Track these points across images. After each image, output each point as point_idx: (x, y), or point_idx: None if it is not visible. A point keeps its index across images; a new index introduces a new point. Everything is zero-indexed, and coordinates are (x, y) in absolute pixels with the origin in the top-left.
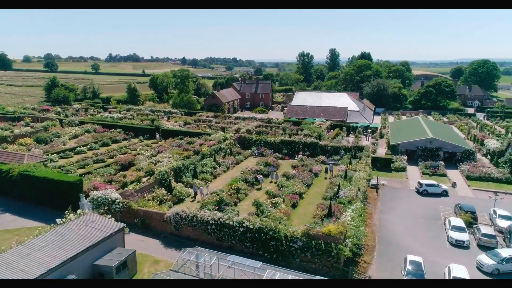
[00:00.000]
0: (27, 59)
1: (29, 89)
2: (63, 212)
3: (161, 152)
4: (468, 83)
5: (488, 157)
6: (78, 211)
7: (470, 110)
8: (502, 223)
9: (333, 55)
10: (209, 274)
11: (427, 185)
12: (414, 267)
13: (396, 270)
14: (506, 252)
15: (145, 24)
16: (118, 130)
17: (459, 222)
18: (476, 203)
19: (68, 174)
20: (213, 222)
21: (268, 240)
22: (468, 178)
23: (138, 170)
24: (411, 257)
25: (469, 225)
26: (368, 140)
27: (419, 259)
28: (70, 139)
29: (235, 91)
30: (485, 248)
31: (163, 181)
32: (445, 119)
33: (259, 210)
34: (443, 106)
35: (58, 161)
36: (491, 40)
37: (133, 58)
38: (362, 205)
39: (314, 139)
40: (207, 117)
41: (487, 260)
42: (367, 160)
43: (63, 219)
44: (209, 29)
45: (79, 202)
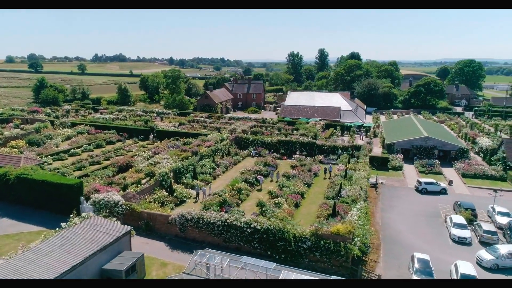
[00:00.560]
0: (10, 60)
1: (15, 90)
2: (63, 215)
3: (158, 153)
4: (455, 83)
5: (480, 155)
6: (83, 214)
7: (458, 109)
8: (501, 219)
9: (322, 55)
10: (222, 276)
11: (426, 183)
12: (422, 264)
13: (403, 268)
14: (505, 248)
15: (131, 24)
16: (112, 131)
17: (461, 219)
18: (473, 200)
19: (65, 176)
20: (220, 223)
21: (277, 240)
22: (463, 176)
23: (138, 172)
24: (418, 254)
25: (469, 222)
26: (363, 139)
27: (426, 257)
28: (63, 141)
29: (227, 91)
30: (486, 244)
31: (163, 183)
32: (435, 118)
33: (263, 210)
34: (432, 105)
35: (52, 164)
36: (474, 41)
37: (120, 58)
38: (366, 204)
39: (310, 138)
40: (201, 117)
41: (486, 255)
42: (366, 159)
43: (68, 222)
44: (196, 29)
45: (79, 205)
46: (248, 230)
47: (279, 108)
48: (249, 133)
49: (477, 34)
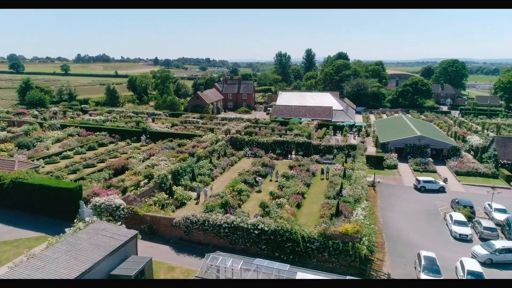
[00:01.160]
0: None
1: None
2: (62, 220)
3: (153, 155)
4: (441, 82)
5: (471, 153)
6: (87, 219)
7: (444, 108)
8: (498, 216)
9: (309, 55)
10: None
11: (424, 181)
12: (429, 262)
13: (409, 266)
14: (500, 243)
15: (115, 24)
16: (104, 133)
17: (461, 216)
18: (468, 197)
19: (62, 180)
20: (226, 225)
21: (284, 241)
22: (457, 173)
23: (136, 174)
24: (424, 253)
25: (468, 220)
26: (355, 138)
27: (432, 255)
28: (53, 143)
29: (218, 91)
30: (487, 241)
31: (162, 185)
32: (423, 117)
33: (266, 211)
34: (419, 104)
35: (44, 167)
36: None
37: (103, 59)
38: (369, 203)
39: (305, 138)
40: (193, 118)
41: (481, 250)
42: (363, 159)
43: (72, 227)
44: (181, 29)
45: (78, 209)
46: (255, 232)
47: (270, 109)
48: (243, 133)
49: (457, 34)
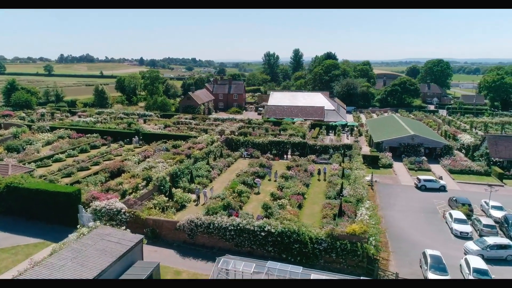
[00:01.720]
0: None
1: None
2: (60, 225)
3: (148, 157)
4: (427, 81)
5: (463, 151)
6: (90, 224)
7: (431, 107)
8: (496, 213)
9: (297, 55)
10: None
11: (425, 180)
12: (435, 261)
13: (414, 265)
14: (491, 240)
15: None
16: (95, 135)
17: (461, 215)
18: (464, 195)
19: (59, 184)
20: (232, 228)
21: (292, 243)
22: (451, 172)
23: (134, 177)
24: (430, 251)
25: (467, 217)
26: (348, 138)
27: (438, 253)
28: (44, 146)
29: (208, 92)
30: None
31: (161, 187)
32: (412, 116)
33: (268, 212)
34: (407, 104)
35: (36, 170)
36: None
37: (87, 59)
38: (372, 203)
39: (301, 139)
40: (186, 119)
41: (473, 246)
42: (360, 158)
43: (75, 233)
44: (165, 29)
45: (77, 214)
46: (262, 234)
47: (261, 109)
48: (237, 134)
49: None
